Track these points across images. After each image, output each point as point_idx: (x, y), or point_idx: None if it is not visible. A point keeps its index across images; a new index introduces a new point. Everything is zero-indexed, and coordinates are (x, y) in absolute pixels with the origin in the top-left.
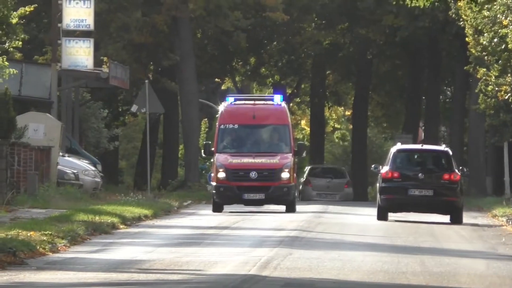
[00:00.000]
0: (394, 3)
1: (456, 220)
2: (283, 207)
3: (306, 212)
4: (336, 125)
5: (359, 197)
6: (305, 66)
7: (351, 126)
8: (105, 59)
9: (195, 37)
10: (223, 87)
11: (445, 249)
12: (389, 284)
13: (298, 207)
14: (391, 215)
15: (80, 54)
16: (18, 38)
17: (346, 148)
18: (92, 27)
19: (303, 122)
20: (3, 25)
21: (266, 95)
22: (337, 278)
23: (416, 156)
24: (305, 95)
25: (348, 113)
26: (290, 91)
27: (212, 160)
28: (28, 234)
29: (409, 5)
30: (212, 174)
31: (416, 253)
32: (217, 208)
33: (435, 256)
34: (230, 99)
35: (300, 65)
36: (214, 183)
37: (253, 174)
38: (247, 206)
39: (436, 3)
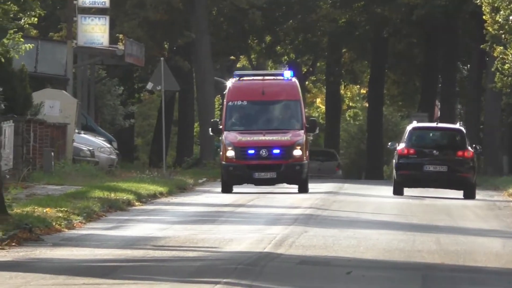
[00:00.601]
0: None
1: (469, 195)
2: (295, 187)
3: (319, 192)
4: (350, 104)
5: (375, 176)
6: (320, 44)
7: (366, 104)
8: (120, 36)
9: (210, 15)
10: (238, 65)
11: (461, 227)
12: (404, 262)
13: (311, 186)
14: (407, 191)
15: (95, 31)
16: (34, 14)
17: (362, 126)
18: (107, 4)
19: (318, 100)
20: (20, 1)
21: (275, 71)
22: (352, 256)
23: (431, 134)
24: (321, 74)
25: (363, 91)
26: (305, 69)
27: (220, 138)
28: (44, 211)
29: None
30: (221, 153)
31: (432, 232)
32: (226, 189)
33: (451, 234)
34: (238, 75)
35: (316, 43)
36: (223, 162)
37: (263, 152)
38: (257, 186)
39: None
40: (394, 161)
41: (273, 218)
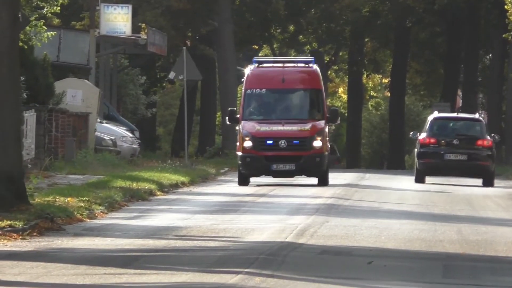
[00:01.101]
0: None
1: (488, 183)
2: (315, 180)
3: (339, 185)
4: (372, 93)
5: (397, 166)
6: (343, 33)
7: (388, 94)
8: (143, 25)
9: (233, 3)
10: (260, 54)
11: (482, 217)
12: (425, 252)
13: (332, 175)
14: (428, 180)
15: (118, 21)
16: (57, 3)
17: (384, 116)
18: None
19: (340, 90)
20: None
21: (296, 57)
22: (374, 245)
23: (451, 124)
24: (343, 63)
25: (385, 81)
26: (328, 59)
27: (237, 128)
28: (66, 200)
29: None
30: (238, 143)
31: (453, 222)
32: (243, 181)
33: (472, 224)
34: (257, 62)
35: (339, 33)
36: (239, 153)
37: (282, 143)
38: (276, 178)
39: None
40: (416, 150)
41: (295, 208)
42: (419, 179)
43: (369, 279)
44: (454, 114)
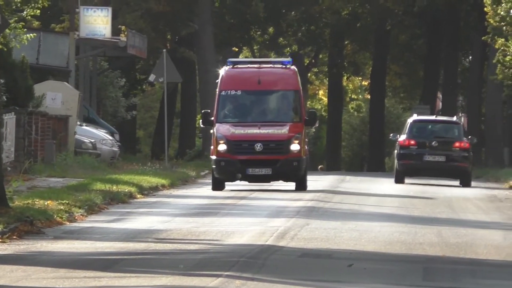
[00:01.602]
0: None
1: (465, 183)
2: (292, 185)
3: (318, 190)
4: (353, 96)
5: (377, 168)
6: (323, 36)
7: (368, 97)
8: (123, 28)
9: (213, 5)
10: (240, 56)
11: (462, 220)
12: (406, 255)
13: (313, 177)
14: (407, 181)
15: (98, 23)
16: (38, 5)
17: (364, 118)
18: None
19: (321, 92)
20: None
21: (273, 58)
22: (354, 248)
23: (430, 126)
24: (323, 65)
25: (365, 83)
26: (308, 61)
27: (211, 131)
28: (45, 203)
29: None
30: (212, 147)
31: (433, 224)
32: (218, 186)
33: (452, 227)
34: (232, 62)
35: (319, 35)
36: (213, 157)
37: (258, 146)
38: (251, 183)
39: None
40: (395, 151)
41: (275, 210)
42: (399, 180)
43: (349, 281)
44: (433, 117)
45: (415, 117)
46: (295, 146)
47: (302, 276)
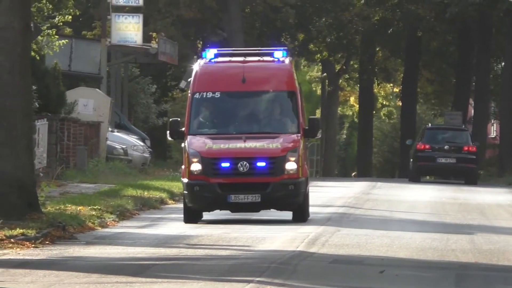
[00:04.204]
0: None
1: (472, 182)
2: (288, 214)
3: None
4: (384, 102)
5: (407, 174)
6: (354, 42)
7: (399, 103)
8: (154, 34)
9: (243, 12)
10: None
11: (494, 226)
12: (438, 261)
13: (341, 185)
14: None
15: (129, 30)
16: (70, 12)
17: (395, 124)
18: (141, 3)
19: (352, 98)
20: (54, 0)
21: (262, 48)
22: (385, 255)
23: (442, 133)
24: (354, 72)
25: (396, 89)
26: (339, 67)
27: (182, 145)
28: (78, 209)
29: None
30: (183, 166)
31: (465, 231)
32: (191, 217)
33: (485, 233)
34: (209, 54)
35: (349, 41)
36: (185, 180)
37: (242, 166)
38: (234, 213)
39: None
40: (411, 154)
41: None
42: (414, 179)
43: None
44: (444, 125)
45: (429, 125)
46: (291, 165)
47: (333, 283)
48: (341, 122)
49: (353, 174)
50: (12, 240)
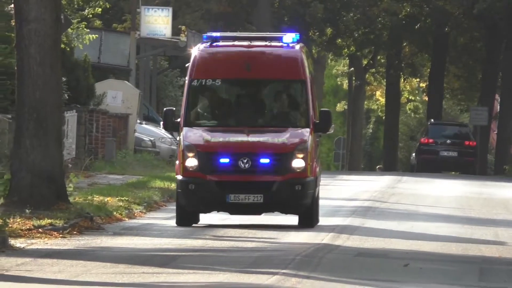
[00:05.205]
0: None
1: (472, 173)
2: (294, 218)
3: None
4: (410, 97)
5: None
6: (381, 37)
7: (425, 98)
8: (183, 28)
9: (272, 6)
10: None
11: None
12: (462, 255)
13: (366, 178)
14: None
15: (158, 23)
16: (99, 4)
17: (421, 119)
18: None
19: (378, 93)
20: None
21: (270, 33)
22: (410, 248)
23: (445, 128)
24: (381, 67)
25: (423, 84)
26: (366, 62)
27: (178, 138)
28: (105, 200)
29: None
30: (177, 162)
31: (489, 225)
32: (184, 219)
33: (509, 228)
34: (210, 38)
35: (377, 37)
36: (179, 177)
37: (244, 162)
38: (234, 215)
39: None
40: (416, 148)
41: (332, 210)
42: (420, 170)
43: (405, 281)
44: (446, 121)
45: (432, 121)
46: (298, 162)
47: (358, 275)
48: (367, 116)
49: (378, 167)
50: (40, 230)
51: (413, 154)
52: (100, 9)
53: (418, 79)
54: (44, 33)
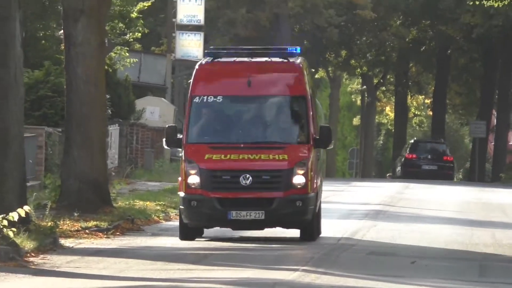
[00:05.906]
0: (471, 3)
1: (450, 180)
2: (295, 232)
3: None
4: (416, 112)
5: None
6: (390, 58)
7: (430, 113)
8: None
9: (293, 31)
10: (316, 76)
11: None
12: (463, 254)
13: (376, 185)
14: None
15: (191, 46)
16: (139, 30)
17: (426, 132)
18: (202, 22)
19: (387, 108)
20: (126, 19)
21: (271, 47)
22: (416, 247)
23: (426, 145)
24: (390, 85)
25: (428, 101)
26: (377, 81)
27: (180, 154)
28: (145, 204)
29: (485, 5)
30: (179, 179)
31: (488, 227)
32: (187, 234)
33: (505, 229)
34: (212, 54)
35: (386, 58)
36: (181, 194)
37: (245, 179)
38: (236, 231)
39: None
40: (401, 162)
41: (346, 213)
42: (403, 179)
43: (412, 277)
44: (427, 139)
45: (415, 139)
46: (299, 179)
47: (371, 271)
48: (378, 129)
49: (388, 175)
50: (87, 231)
51: (399, 167)
52: (139, 34)
53: (423, 96)
54: (90, 55)
